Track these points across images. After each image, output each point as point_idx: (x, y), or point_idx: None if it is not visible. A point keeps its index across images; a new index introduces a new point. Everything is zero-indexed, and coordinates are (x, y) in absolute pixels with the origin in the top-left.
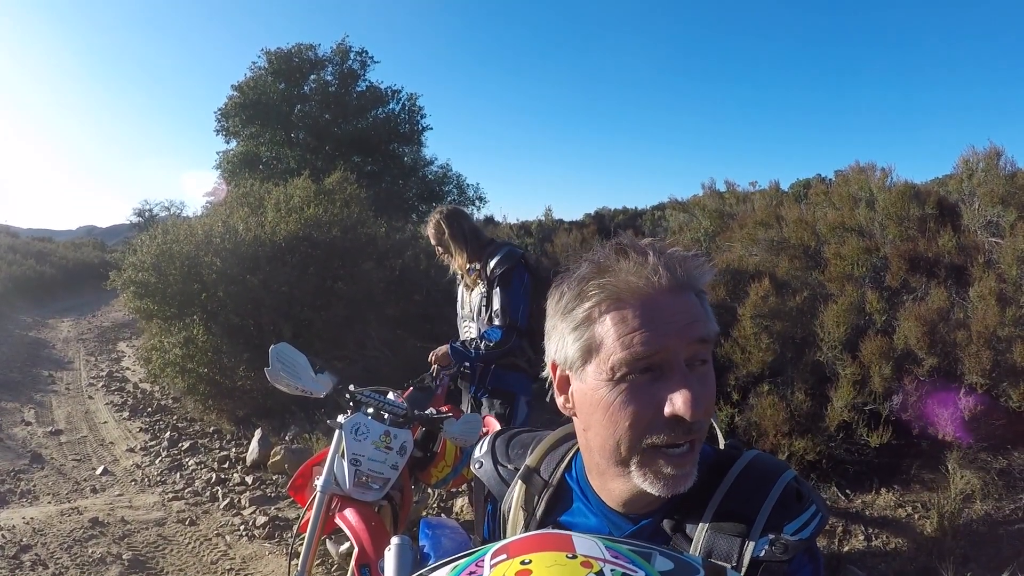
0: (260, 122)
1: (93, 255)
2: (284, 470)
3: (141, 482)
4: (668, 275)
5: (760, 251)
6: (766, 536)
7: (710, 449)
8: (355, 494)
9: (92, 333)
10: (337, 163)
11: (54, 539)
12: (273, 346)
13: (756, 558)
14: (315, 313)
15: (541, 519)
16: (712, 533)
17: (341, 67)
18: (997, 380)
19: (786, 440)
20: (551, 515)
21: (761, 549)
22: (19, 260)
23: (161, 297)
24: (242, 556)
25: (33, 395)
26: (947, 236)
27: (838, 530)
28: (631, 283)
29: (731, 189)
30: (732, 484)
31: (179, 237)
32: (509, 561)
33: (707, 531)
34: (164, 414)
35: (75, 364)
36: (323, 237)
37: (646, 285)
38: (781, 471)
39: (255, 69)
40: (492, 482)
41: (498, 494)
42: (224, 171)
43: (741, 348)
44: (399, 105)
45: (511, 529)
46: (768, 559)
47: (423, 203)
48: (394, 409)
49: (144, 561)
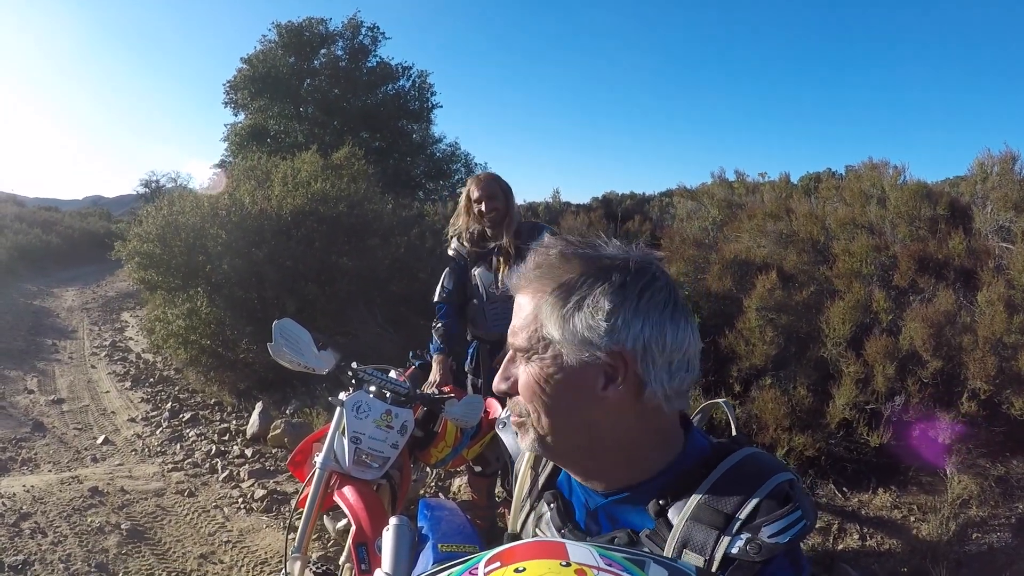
0: (269, 95)
1: (99, 225)
2: (284, 444)
3: (141, 452)
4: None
5: (768, 243)
6: (742, 534)
7: (707, 442)
8: (354, 472)
9: (96, 303)
10: (345, 138)
11: (54, 507)
12: (276, 321)
13: (729, 555)
14: (319, 289)
15: (544, 483)
16: (691, 523)
17: (352, 42)
18: (1000, 387)
19: (786, 435)
20: (553, 480)
21: (735, 546)
22: (25, 229)
23: (166, 268)
24: (239, 529)
25: (36, 364)
26: (958, 239)
27: (833, 528)
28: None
29: (741, 179)
30: (720, 477)
31: (185, 209)
32: (503, 569)
33: (687, 520)
34: (166, 385)
35: (79, 333)
36: (329, 212)
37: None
38: (775, 471)
39: (265, 42)
40: (511, 443)
41: (515, 455)
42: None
43: (745, 340)
44: (409, 82)
45: (519, 489)
46: (740, 557)
47: (430, 181)
48: (396, 388)
49: (142, 531)
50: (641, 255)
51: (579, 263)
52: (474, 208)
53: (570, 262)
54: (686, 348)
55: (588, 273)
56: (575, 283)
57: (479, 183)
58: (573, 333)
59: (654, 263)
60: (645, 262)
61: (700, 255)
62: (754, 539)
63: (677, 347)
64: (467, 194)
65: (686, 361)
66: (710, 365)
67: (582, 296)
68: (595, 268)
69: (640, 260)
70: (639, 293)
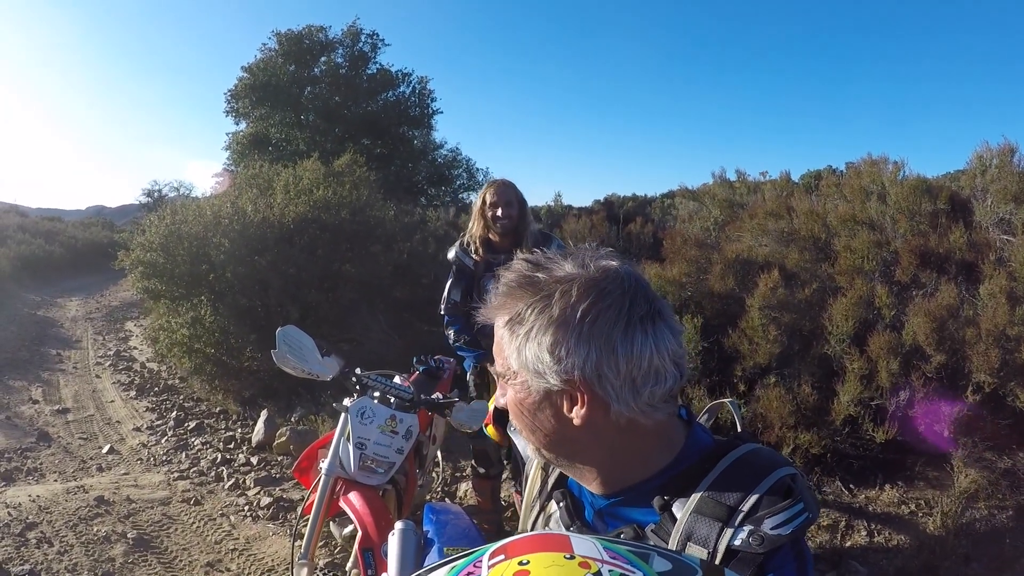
0: (270, 104)
1: (102, 235)
2: (289, 451)
3: (147, 461)
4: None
5: (770, 242)
6: (745, 526)
7: (709, 439)
8: (360, 478)
9: (100, 312)
10: (347, 145)
11: (59, 517)
12: (280, 328)
13: (732, 547)
14: (322, 295)
15: (554, 483)
16: (695, 516)
17: (352, 49)
18: (1005, 379)
19: (791, 433)
20: (564, 479)
21: (737, 538)
22: (28, 239)
23: (169, 277)
24: (246, 536)
25: (41, 374)
26: (958, 232)
27: (840, 525)
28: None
29: (742, 178)
30: (722, 472)
31: (188, 218)
32: (507, 562)
33: (690, 514)
34: (171, 394)
35: (83, 343)
36: (332, 219)
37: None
38: (777, 466)
39: (265, 51)
40: (522, 445)
41: (525, 456)
42: (233, 152)
43: (748, 339)
44: (409, 88)
45: (529, 489)
46: (743, 549)
47: (432, 186)
48: (400, 393)
49: (148, 540)
50: (595, 271)
51: (526, 292)
52: (487, 212)
53: (519, 290)
54: (648, 361)
55: (533, 304)
56: (523, 314)
57: (496, 188)
58: (525, 365)
59: (608, 277)
60: (593, 281)
61: (702, 255)
62: (757, 531)
63: (636, 363)
64: (482, 198)
65: (652, 373)
66: (714, 365)
67: (528, 328)
68: (539, 297)
69: (588, 280)
70: (581, 318)
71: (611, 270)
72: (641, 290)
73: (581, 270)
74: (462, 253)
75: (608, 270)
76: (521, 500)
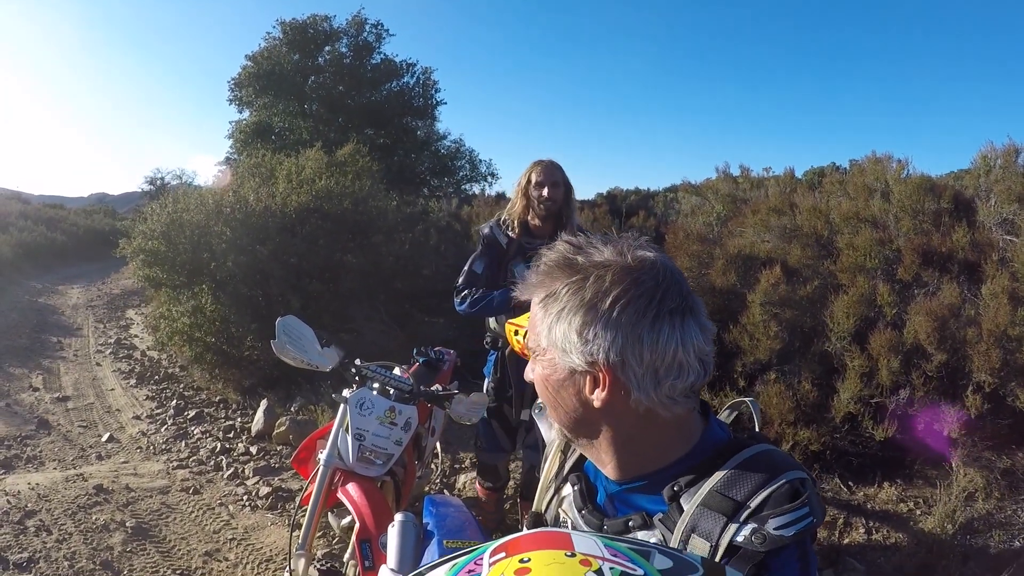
0: (273, 93)
1: (104, 223)
2: (288, 441)
3: (146, 450)
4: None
5: (772, 238)
6: (749, 524)
7: (726, 434)
8: (358, 469)
9: (101, 300)
10: (350, 135)
11: (59, 505)
12: (280, 318)
13: (735, 543)
14: (324, 286)
15: (571, 467)
16: (701, 509)
17: (356, 39)
18: (1005, 379)
19: (791, 429)
20: (581, 463)
21: (740, 534)
22: (30, 227)
23: (170, 266)
24: (244, 526)
25: (41, 361)
26: (961, 232)
27: (839, 522)
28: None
29: (745, 174)
30: (734, 468)
31: (189, 206)
32: (508, 559)
33: (697, 506)
34: (171, 382)
35: (84, 331)
36: (334, 209)
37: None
38: (788, 468)
39: (269, 39)
40: (544, 428)
41: (547, 440)
42: (236, 140)
43: (749, 335)
44: (413, 79)
45: (546, 472)
46: (745, 546)
47: (435, 177)
48: (400, 385)
49: (147, 529)
50: (632, 260)
51: (563, 272)
52: (532, 192)
53: (558, 270)
54: (673, 354)
55: (569, 284)
56: (558, 293)
57: (543, 167)
58: (554, 342)
59: (643, 267)
60: (628, 269)
61: (704, 250)
62: (760, 529)
63: (660, 355)
64: (527, 177)
65: (676, 367)
66: (715, 360)
67: (561, 307)
68: (575, 279)
69: (624, 268)
70: (611, 304)
71: (648, 261)
72: (675, 284)
73: (618, 257)
74: (497, 229)
75: (645, 260)
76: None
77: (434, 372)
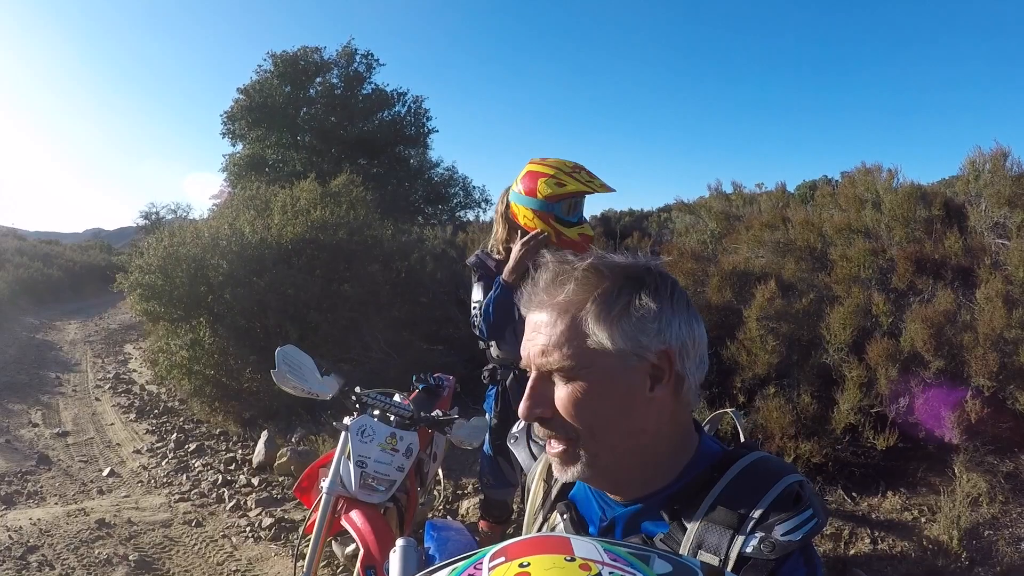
0: (266, 125)
1: (100, 257)
2: (290, 472)
3: (147, 483)
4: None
5: (766, 253)
6: (756, 533)
7: (718, 447)
8: (361, 496)
9: (99, 335)
10: (343, 165)
11: (61, 540)
12: (279, 348)
13: (744, 554)
14: (321, 315)
15: (557, 495)
16: (705, 524)
17: (347, 70)
18: (1004, 383)
19: (792, 443)
20: (566, 492)
21: (749, 545)
22: (26, 263)
23: (168, 299)
24: (248, 557)
25: (40, 397)
26: (953, 238)
27: (844, 533)
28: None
29: (737, 191)
30: (732, 480)
31: (185, 240)
32: (507, 564)
33: (700, 522)
34: (171, 416)
35: (82, 366)
36: (329, 239)
37: (527, 300)
38: (784, 473)
39: (261, 72)
40: (523, 456)
41: (526, 468)
42: (230, 174)
43: (747, 350)
44: (405, 108)
45: (531, 500)
46: (755, 556)
47: (429, 205)
48: (400, 411)
49: (150, 562)
50: (654, 260)
51: (612, 272)
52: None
53: (602, 272)
54: (703, 344)
55: (624, 281)
56: (615, 291)
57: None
58: (624, 338)
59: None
60: (659, 267)
61: (699, 268)
62: (768, 538)
63: (699, 343)
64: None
65: (703, 356)
66: (713, 377)
67: (626, 301)
68: (628, 275)
69: (657, 266)
70: (670, 294)
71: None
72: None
73: (636, 259)
74: (483, 255)
75: (657, 263)
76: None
77: (434, 398)
